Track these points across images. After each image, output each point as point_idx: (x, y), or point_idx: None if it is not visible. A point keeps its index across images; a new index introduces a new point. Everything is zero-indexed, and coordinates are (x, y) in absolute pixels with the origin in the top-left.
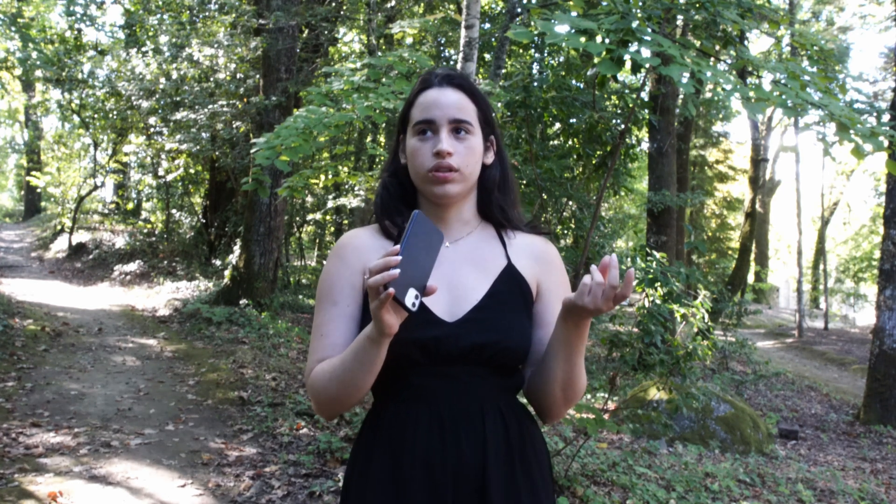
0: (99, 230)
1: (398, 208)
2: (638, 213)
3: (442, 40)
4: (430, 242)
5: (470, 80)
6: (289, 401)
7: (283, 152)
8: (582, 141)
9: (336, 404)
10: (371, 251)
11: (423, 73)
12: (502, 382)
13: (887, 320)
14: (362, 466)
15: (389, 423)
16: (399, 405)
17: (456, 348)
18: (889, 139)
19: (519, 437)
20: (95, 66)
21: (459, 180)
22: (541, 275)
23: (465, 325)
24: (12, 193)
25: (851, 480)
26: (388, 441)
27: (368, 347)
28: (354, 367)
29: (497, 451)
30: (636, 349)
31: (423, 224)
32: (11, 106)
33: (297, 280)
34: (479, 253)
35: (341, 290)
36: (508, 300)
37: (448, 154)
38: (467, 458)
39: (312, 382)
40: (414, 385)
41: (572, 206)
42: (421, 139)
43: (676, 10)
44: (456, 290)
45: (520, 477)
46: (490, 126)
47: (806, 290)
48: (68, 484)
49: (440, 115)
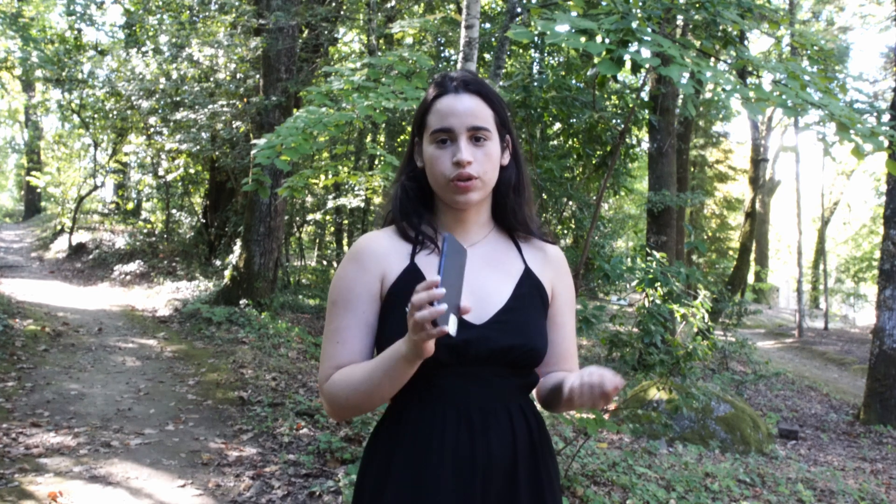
0: (99, 230)
1: (417, 211)
2: (638, 213)
3: (442, 40)
4: (460, 262)
5: (485, 84)
6: (289, 401)
7: (283, 152)
8: (582, 141)
9: (356, 411)
10: (390, 255)
11: (438, 76)
12: (521, 382)
13: (887, 320)
14: (380, 466)
15: (414, 423)
16: (424, 406)
17: (486, 350)
18: (889, 139)
19: (539, 433)
20: (95, 66)
21: (479, 187)
22: (554, 279)
23: (494, 327)
24: (12, 193)
25: (851, 480)
26: (413, 441)
27: (402, 366)
28: (383, 382)
29: (524, 449)
30: (636, 349)
31: (453, 246)
32: (11, 106)
33: (297, 280)
34: (498, 256)
35: (358, 297)
36: (530, 303)
37: (468, 163)
38: (497, 457)
39: (332, 390)
40: (439, 386)
41: (572, 206)
42: (439, 147)
43: (676, 10)
44: (479, 293)
45: (542, 473)
46: (506, 127)
47: (806, 290)
48: (68, 484)
49: (458, 124)
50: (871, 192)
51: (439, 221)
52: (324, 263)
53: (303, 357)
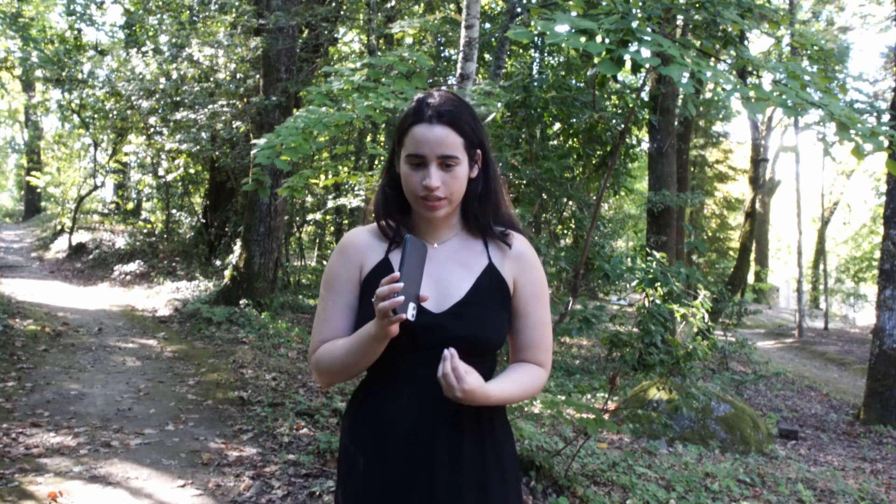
0: (99, 230)
1: (393, 213)
2: (638, 213)
3: (442, 40)
4: (420, 256)
5: (458, 113)
6: (289, 401)
7: (283, 152)
8: (582, 141)
9: (338, 379)
10: (369, 250)
11: (417, 99)
12: (477, 369)
13: (887, 320)
14: (349, 428)
15: (374, 398)
16: (385, 384)
17: (440, 337)
18: (889, 139)
19: (491, 418)
20: (95, 66)
21: (446, 206)
22: (517, 272)
23: (450, 317)
24: (12, 193)
25: (851, 480)
26: (373, 414)
27: (372, 344)
28: (358, 355)
29: (471, 429)
30: (636, 349)
31: (413, 244)
32: (11, 106)
33: (297, 280)
34: (463, 253)
35: (342, 284)
36: (488, 297)
37: (436, 188)
38: (441, 432)
39: (318, 360)
40: (399, 368)
41: (572, 206)
42: (412, 168)
43: (676, 10)
44: (442, 286)
45: (489, 453)
46: (475, 146)
47: (806, 290)
48: (68, 484)
49: (429, 152)
50: (871, 192)
51: (412, 222)
52: (323, 263)
53: (303, 357)
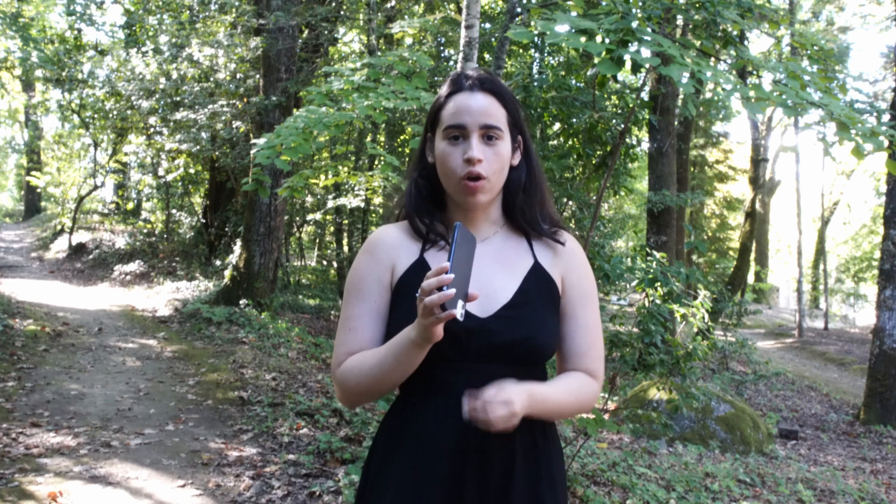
0: (99, 230)
1: (428, 209)
2: (638, 213)
3: (442, 40)
4: (469, 250)
5: (500, 84)
6: (289, 401)
7: (283, 152)
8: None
9: (367, 396)
10: (401, 249)
11: (454, 73)
12: (524, 380)
13: (887, 320)
14: (383, 455)
15: (415, 415)
16: (426, 399)
17: (487, 344)
18: (889, 139)
19: (543, 432)
20: (95, 66)
21: (487, 189)
22: (565, 271)
23: (497, 321)
24: (12, 193)
25: (851, 480)
26: (413, 432)
27: (411, 351)
28: (393, 366)
29: (525, 446)
30: (636, 349)
31: (463, 234)
32: (11, 106)
33: (297, 280)
34: (507, 251)
35: (370, 287)
36: (537, 298)
37: (478, 161)
38: (492, 451)
39: (343, 375)
40: (441, 380)
41: (572, 206)
42: (451, 143)
43: (676, 10)
44: (486, 288)
45: (543, 471)
46: (518, 128)
47: (806, 290)
48: (68, 484)
49: (471, 122)
50: (871, 192)
51: (449, 218)
52: (324, 263)
53: (303, 357)
